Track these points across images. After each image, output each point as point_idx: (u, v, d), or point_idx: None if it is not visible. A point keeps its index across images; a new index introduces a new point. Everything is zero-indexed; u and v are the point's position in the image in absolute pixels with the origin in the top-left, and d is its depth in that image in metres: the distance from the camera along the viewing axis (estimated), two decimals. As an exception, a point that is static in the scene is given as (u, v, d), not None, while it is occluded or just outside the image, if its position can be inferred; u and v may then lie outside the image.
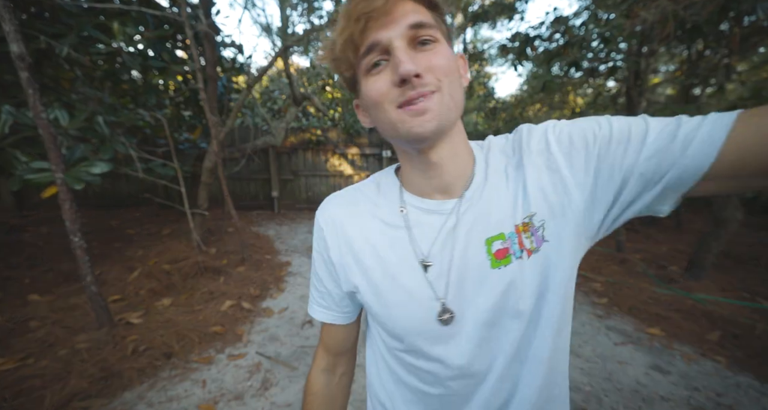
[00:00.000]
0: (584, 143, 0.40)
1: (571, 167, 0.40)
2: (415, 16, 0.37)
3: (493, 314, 0.42)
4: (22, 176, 2.12)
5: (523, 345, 0.42)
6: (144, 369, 1.86)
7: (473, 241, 0.42)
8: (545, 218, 0.41)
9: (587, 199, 0.40)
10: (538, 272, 0.41)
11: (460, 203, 0.43)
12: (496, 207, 0.43)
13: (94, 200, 5.60)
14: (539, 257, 0.41)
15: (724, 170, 0.33)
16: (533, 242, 0.41)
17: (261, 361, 2.01)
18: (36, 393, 1.61)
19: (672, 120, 0.36)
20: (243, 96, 3.29)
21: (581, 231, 0.41)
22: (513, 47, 3.91)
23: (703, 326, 2.36)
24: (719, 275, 3.15)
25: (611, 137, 0.38)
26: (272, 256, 3.84)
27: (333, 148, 6.24)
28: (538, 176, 0.41)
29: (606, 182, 0.39)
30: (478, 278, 0.42)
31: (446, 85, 0.38)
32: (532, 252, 0.41)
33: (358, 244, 0.47)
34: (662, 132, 0.36)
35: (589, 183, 0.40)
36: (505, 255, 0.41)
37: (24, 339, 2.00)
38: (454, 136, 0.42)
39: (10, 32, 1.68)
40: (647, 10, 2.60)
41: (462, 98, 0.40)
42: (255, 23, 4.13)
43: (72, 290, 2.67)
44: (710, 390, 1.80)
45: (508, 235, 0.41)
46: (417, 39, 0.37)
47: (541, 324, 0.42)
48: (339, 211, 0.50)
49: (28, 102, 1.78)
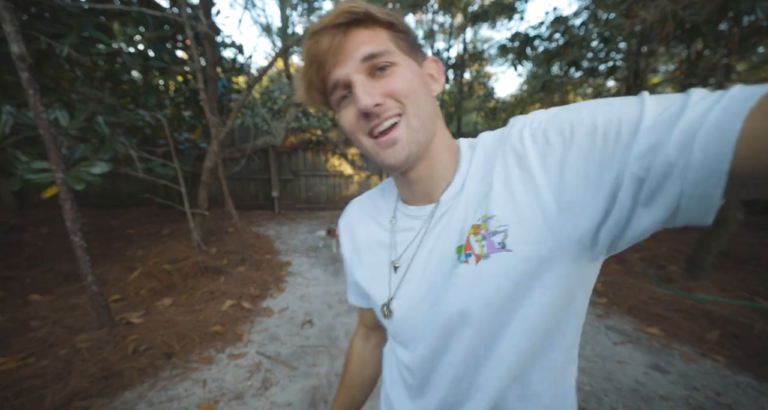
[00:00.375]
0: (561, 138, 0.33)
1: (544, 168, 0.34)
2: (366, 47, 0.37)
3: (440, 314, 0.42)
4: (22, 176, 2.12)
5: (473, 350, 0.41)
6: (144, 368, 1.86)
7: (441, 248, 0.43)
8: (509, 224, 0.36)
9: (563, 206, 0.33)
10: (487, 280, 0.37)
11: (436, 209, 0.44)
12: (468, 210, 0.41)
13: (95, 200, 5.60)
14: (489, 266, 0.37)
15: (749, 175, 0.24)
16: (484, 247, 0.37)
17: (261, 361, 2.01)
18: (37, 392, 1.61)
19: (678, 98, 0.28)
20: (243, 96, 3.29)
21: (564, 245, 0.34)
22: (513, 47, 3.91)
23: (703, 326, 2.36)
24: (719, 275, 3.15)
25: (594, 129, 0.31)
26: (272, 256, 3.84)
27: (333, 148, 6.25)
28: (507, 176, 0.37)
29: (588, 186, 0.31)
30: (441, 279, 0.42)
31: (409, 105, 0.38)
32: (480, 258, 0.37)
33: (361, 244, 0.54)
34: (660, 118, 0.27)
35: (563, 187, 0.33)
36: (461, 255, 0.40)
37: (25, 339, 2.01)
38: (432, 151, 0.42)
39: (10, 33, 1.68)
40: (647, 10, 2.60)
41: (430, 111, 0.41)
42: (255, 23, 4.13)
43: (72, 290, 2.68)
44: (709, 389, 1.81)
45: (474, 229, 0.39)
46: (374, 67, 0.38)
47: (503, 334, 0.39)
48: (353, 214, 0.57)
49: (29, 102, 1.78)
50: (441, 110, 5.88)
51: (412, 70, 0.40)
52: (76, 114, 2.43)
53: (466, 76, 9.19)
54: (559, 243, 0.35)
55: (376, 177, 6.59)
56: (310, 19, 7.40)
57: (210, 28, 3.01)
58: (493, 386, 0.41)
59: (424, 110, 0.40)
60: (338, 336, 2.29)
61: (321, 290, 3.04)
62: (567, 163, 0.33)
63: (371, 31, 0.38)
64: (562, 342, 0.41)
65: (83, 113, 2.45)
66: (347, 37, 0.37)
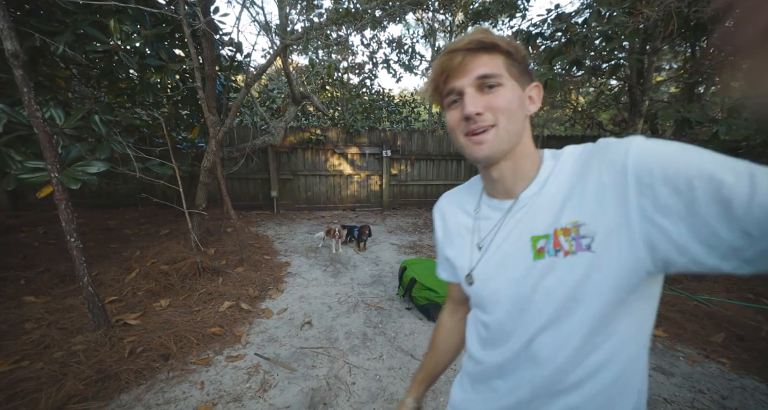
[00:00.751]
0: (672, 187, 0.37)
1: (641, 201, 0.40)
2: (483, 69, 0.48)
3: (524, 294, 0.51)
4: (17, 176, 2.09)
5: (541, 330, 0.49)
6: (141, 370, 1.84)
7: (516, 235, 0.53)
8: (597, 232, 0.44)
9: (647, 243, 0.41)
10: (572, 272, 0.46)
11: (515, 204, 0.54)
12: (547, 210, 0.50)
13: (91, 200, 5.56)
14: (576, 261, 0.46)
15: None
16: (573, 245, 0.46)
17: (260, 363, 1.98)
18: (31, 395, 1.58)
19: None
20: (242, 95, 3.26)
21: (634, 263, 0.42)
22: (514, 45, 3.87)
23: (707, 327, 2.34)
24: (723, 275, 3.13)
25: (712, 192, 0.34)
26: (271, 256, 3.82)
27: (332, 147, 6.21)
28: (601, 192, 0.44)
29: (675, 235, 0.38)
30: (515, 264, 0.52)
31: (502, 121, 0.49)
32: (569, 253, 0.46)
33: (451, 227, 0.66)
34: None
35: (651, 230, 0.40)
36: (541, 252, 0.49)
37: (19, 341, 1.98)
38: (514, 156, 0.53)
39: (3, 29, 1.65)
40: (650, 8, 2.57)
41: (518, 127, 0.51)
42: (254, 21, 4.11)
43: (68, 291, 2.65)
44: (715, 392, 1.78)
45: (549, 235, 0.49)
46: (484, 84, 0.49)
47: (565, 322, 0.47)
48: (444, 204, 0.70)
49: (23, 101, 1.75)
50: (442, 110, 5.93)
51: (514, 93, 0.50)
52: (72, 113, 2.40)
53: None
54: (631, 260, 0.42)
55: (376, 177, 6.55)
56: (309, 17, 7.35)
57: (208, 26, 2.98)
58: (552, 356, 0.49)
59: (513, 125, 0.50)
60: (338, 338, 2.27)
61: (320, 291, 3.01)
62: (667, 211, 0.38)
63: (491, 56, 0.49)
64: (615, 332, 0.47)
65: (79, 111, 2.42)
66: (473, 58, 0.49)
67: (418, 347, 2.18)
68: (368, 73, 8.32)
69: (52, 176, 1.86)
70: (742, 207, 0.32)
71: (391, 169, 6.56)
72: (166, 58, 3.05)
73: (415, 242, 4.55)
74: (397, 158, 6.53)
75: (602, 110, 5.97)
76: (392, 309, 2.69)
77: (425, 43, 10.68)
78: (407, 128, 8.87)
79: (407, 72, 9.25)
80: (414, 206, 6.85)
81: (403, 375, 1.91)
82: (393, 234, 4.98)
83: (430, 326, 2.43)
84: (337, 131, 6.30)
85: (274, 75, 9.01)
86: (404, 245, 4.42)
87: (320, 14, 7.30)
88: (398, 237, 4.82)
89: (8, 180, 2.09)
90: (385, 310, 2.66)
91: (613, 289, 0.44)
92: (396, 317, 2.56)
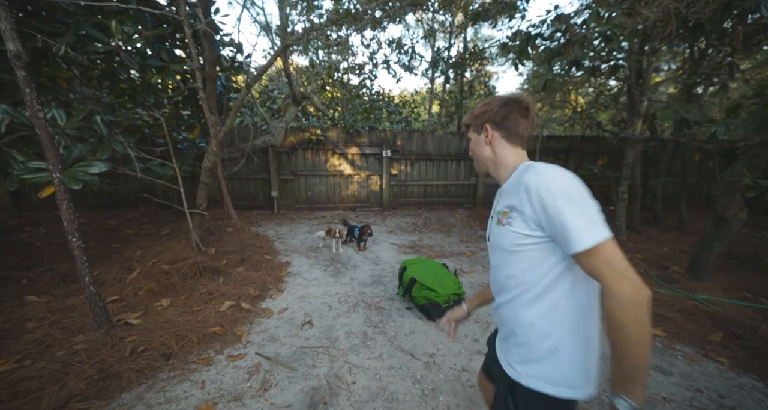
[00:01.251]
0: (548, 221, 0.74)
1: (529, 216, 0.77)
2: (467, 134, 1.01)
3: (493, 245, 0.92)
4: (19, 176, 2.10)
5: (499, 266, 0.91)
6: (142, 370, 1.85)
7: (495, 209, 0.92)
8: (513, 216, 0.81)
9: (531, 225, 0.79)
10: (502, 233, 0.85)
11: (500, 193, 0.92)
12: (504, 198, 0.88)
13: (92, 200, 5.58)
14: (502, 228, 0.85)
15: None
16: (504, 220, 0.84)
17: (260, 362, 2.00)
18: (33, 395, 1.60)
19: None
20: (242, 95, 3.27)
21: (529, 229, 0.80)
22: (514, 46, 3.89)
23: (705, 326, 2.35)
24: (721, 275, 3.14)
25: (559, 229, 0.73)
26: (272, 256, 3.83)
27: (333, 147, 6.22)
28: (519, 200, 0.79)
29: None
30: (493, 226, 0.91)
31: (473, 155, 0.98)
32: (504, 225, 0.84)
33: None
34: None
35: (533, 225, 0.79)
36: (499, 221, 0.87)
37: (21, 341, 1.99)
38: (495, 167, 0.93)
39: (6, 30, 1.66)
40: (649, 8, 2.58)
41: (483, 156, 0.94)
42: (254, 22, 4.10)
43: (70, 290, 2.66)
44: (713, 391, 1.79)
45: (500, 212, 0.87)
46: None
47: (494, 255, 0.93)
48: None
49: (25, 101, 1.76)
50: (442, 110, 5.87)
51: (474, 140, 0.97)
52: (74, 113, 2.41)
53: (466, 76, 9.13)
54: (531, 230, 0.79)
55: (376, 177, 6.56)
56: (310, 18, 7.36)
57: (209, 27, 2.99)
58: (502, 284, 0.90)
59: (478, 156, 0.96)
60: (338, 337, 2.28)
61: (321, 290, 3.02)
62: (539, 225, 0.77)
63: (468, 128, 0.99)
64: (514, 264, 0.84)
65: (81, 112, 2.43)
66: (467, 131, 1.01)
67: (417, 346, 2.19)
68: (368, 74, 8.33)
69: (54, 177, 1.87)
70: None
71: (391, 169, 6.56)
72: (167, 58, 3.06)
73: (415, 242, 4.56)
74: (397, 158, 6.54)
75: (601, 110, 5.98)
76: (392, 308, 2.70)
77: (425, 43, 10.69)
78: (407, 128, 8.88)
79: (407, 72, 9.25)
80: (414, 206, 6.86)
81: (403, 374, 1.92)
82: (393, 234, 4.99)
83: (429, 325, 2.44)
84: (338, 131, 6.31)
85: (274, 75, 9.02)
86: (404, 245, 4.43)
87: (320, 15, 7.31)
88: (398, 237, 4.83)
89: (10, 180, 2.10)
90: (385, 310, 2.67)
91: (510, 244, 0.83)
92: (396, 316, 2.57)
